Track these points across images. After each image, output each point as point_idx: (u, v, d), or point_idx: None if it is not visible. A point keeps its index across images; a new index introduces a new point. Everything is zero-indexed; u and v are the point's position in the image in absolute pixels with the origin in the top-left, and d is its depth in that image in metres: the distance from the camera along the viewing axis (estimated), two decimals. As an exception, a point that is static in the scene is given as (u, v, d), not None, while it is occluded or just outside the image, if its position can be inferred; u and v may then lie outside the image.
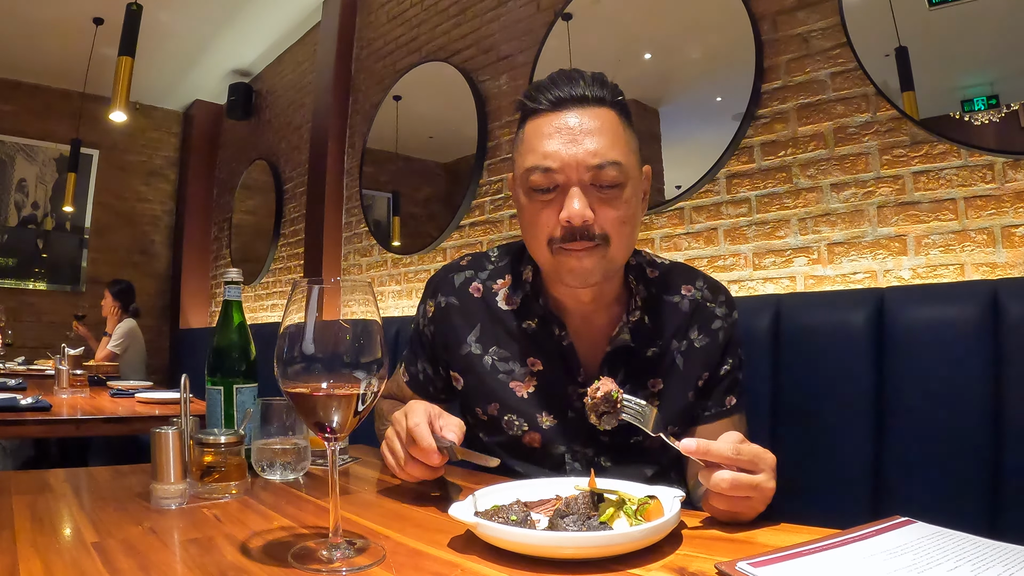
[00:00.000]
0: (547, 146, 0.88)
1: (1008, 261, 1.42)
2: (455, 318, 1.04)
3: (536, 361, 0.99)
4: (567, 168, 0.87)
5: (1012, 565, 0.50)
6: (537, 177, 0.88)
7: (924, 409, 1.09)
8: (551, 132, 0.88)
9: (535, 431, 0.98)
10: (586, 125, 0.88)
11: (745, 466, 0.67)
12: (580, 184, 0.87)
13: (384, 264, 3.38)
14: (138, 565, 0.56)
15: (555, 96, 0.90)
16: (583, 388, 0.96)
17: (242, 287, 1.09)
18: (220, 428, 0.99)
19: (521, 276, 1.02)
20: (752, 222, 1.87)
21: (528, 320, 1.00)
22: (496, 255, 1.08)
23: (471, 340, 1.02)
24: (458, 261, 1.10)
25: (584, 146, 0.86)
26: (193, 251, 5.65)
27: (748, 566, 0.51)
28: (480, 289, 1.04)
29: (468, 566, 0.57)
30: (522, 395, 0.99)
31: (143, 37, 3.49)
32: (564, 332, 0.97)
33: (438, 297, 1.06)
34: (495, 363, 1.01)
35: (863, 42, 1.64)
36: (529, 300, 1.00)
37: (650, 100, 2.14)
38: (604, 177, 0.87)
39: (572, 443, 0.98)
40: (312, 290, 0.58)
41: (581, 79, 0.91)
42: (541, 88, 0.92)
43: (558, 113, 0.89)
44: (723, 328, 1.00)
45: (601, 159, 0.86)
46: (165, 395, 2.43)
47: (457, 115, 2.92)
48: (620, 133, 0.90)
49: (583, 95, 0.89)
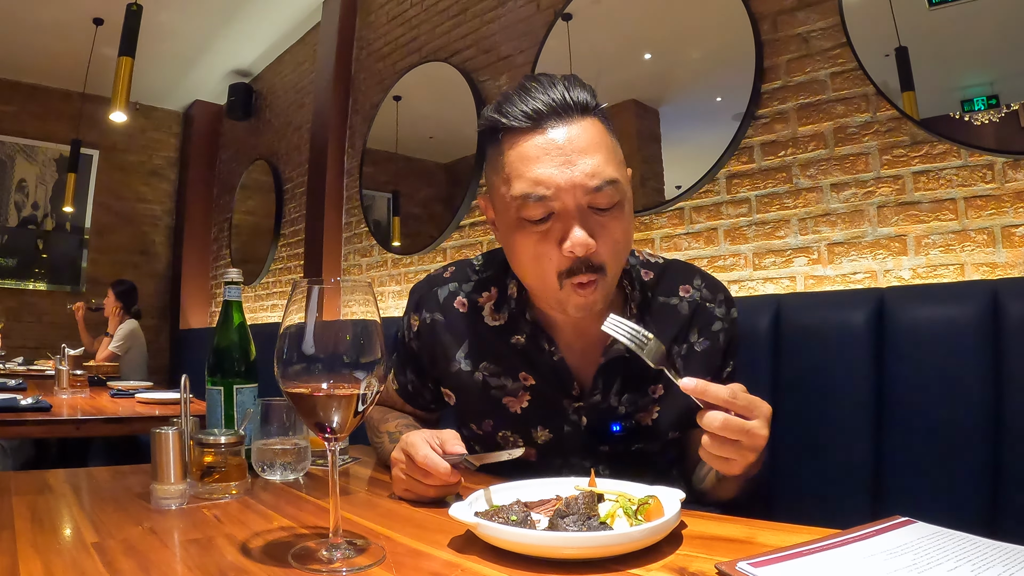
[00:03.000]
0: (538, 171, 0.80)
1: (1008, 261, 1.42)
2: (442, 335, 0.99)
3: (528, 376, 0.95)
4: (563, 194, 0.79)
5: (1012, 565, 0.50)
6: (531, 208, 0.80)
7: (924, 409, 1.09)
8: (538, 154, 0.80)
9: (530, 446, 0.96)
10: (576, 142, 0.80)
11: (740, 411, 0.69)
12: (578, 208, 0.80)
13: (384, 264, 3.38)
14: (138, 565, 0.56)
15: (532, 108, 0.81)
16: (578, 402, 0.94)
17: (242, 287, 1.09)
18: (220, 428, 0.99)
19: (506, 290, 0.97)
20: (752, 222, 1.87)
21: (516, 335, 0.95)
22: (480, 263, 1.03)
23: (460, 357, 0.98)
24: (441, 272, 1.04)
25: (579, 167, 0.79)
26: (193, 251, 5.65)
27: (748, 566, 0.51)
28: (465, 304, 0.99)
29: (468, 566, 0.57)
30: (515, 410, 0.96)
31: (143, 37, 3.49)
32: (554, 347, 0.93)
33: (422, 312, 1.02)
34: (486, 379, 0.97)
35: (863, 42, 1.64)
36: (515, 316, 0.95)
37: (650, 100, 2.14)
38: (602, 199, 0.80)
39: (570, 456, 0.95)
40: (312, 290, 0.58)
41: (556, 84, 0.82)
42: (512, 100, 0.83)
43: (540, 130, 0.81)
44: (723, 329, 0.98)
45: (599, 179, 0.79)
46: (165, 395, 2.43)
47: (457, 115, 2.92)
48: (610, 145, 0.83)
49: (564, 103, 0.81)
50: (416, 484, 0.80)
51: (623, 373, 0.93)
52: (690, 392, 0.69)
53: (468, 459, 0.79)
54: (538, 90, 0.82)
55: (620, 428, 0.94)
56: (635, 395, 0.94)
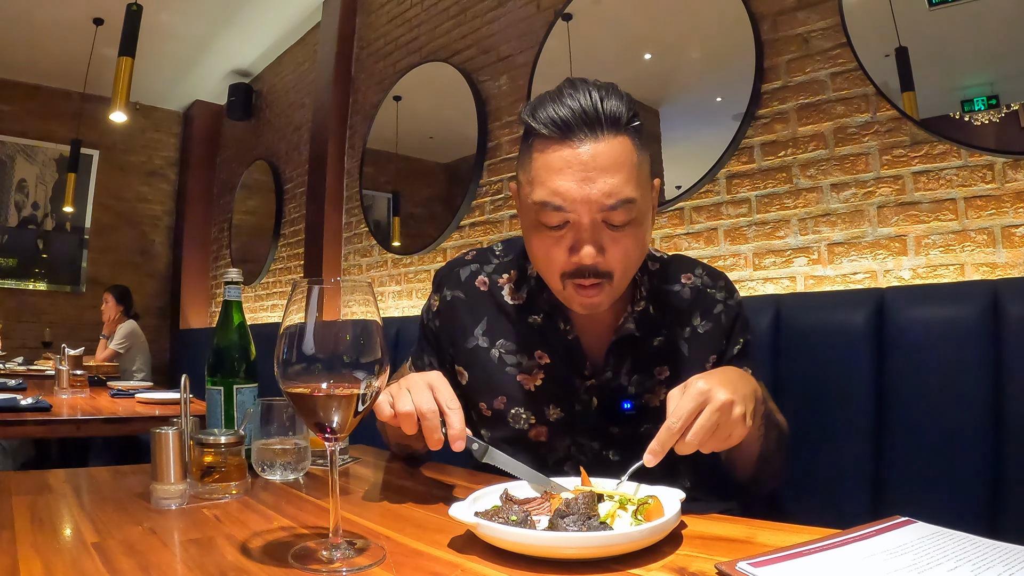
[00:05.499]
0: (558, 183, 0.82)
1: (1008, 261, 1.42)
2: (461, 312, 1.04)
3: (543, 354, 0.99)
4: (579, 207, 0.82)
5: (1012, 565, 0.50)
6: (548, 215, 0.84)
7: (924, 409, 1.09)
8: (561, 166, 0.82)
9: (542, 424, 0.99)
10: (600, 160, 0.81)
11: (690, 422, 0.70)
12: (592, 223, 0.83)
13: (384, 264, 3.38)
14: (138, 565, 0.56)
15: (562, 119, 0.82)
16: (589, 381, 0.98)
17: (242, 287, 1.09)
18: (220, 428, 0.99)
19: (526, 272, 1.02)
20: (752, 222, 1.87)
21: (534, 315, 1.00)
22: (501, 250, 1.08)
23: (478, 333, 1.02)
24: (463, 256, 1.09)
25: (598, 185, 0.81)
26: (193, 251, 5.65)
27: (748, 566, 0.51)
28: (486, 283, 1.04)
29: (468, 566, 0.57)
30: (530, 388, 0.99)
31: (143, 37, 3.49)
32: (570, 326, 0.98)
33: (444, 291, 1.06)
34: (502, 356, 1.01)
35: (863, 42, 1.64)
36: (534, 295, 1.00)
37: (650, 100, 2.14)
38: (616, 217, 0.83)
39: (578, 436, 0.99)
40: (312, 290, 0.58)
41: (591, 93, 0.83)
42: (546, 104, 0.84)
43: (567, 143, 0.82)
44: (724, 312, 1.01)
45: (615, 199, 0.82)
46: (165, 395, 2.43)
47: (457, 115, 2.92)
48: (635, 163, 0.84)
49: (595, 115, 0.82)
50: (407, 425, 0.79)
51: (632, 353, 0.98)
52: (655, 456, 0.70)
53: (487, 448, 0.80)
54: (572, 97, 0.83)
55: (631, 406, 0.98)
56: (643, 376, 0.98)
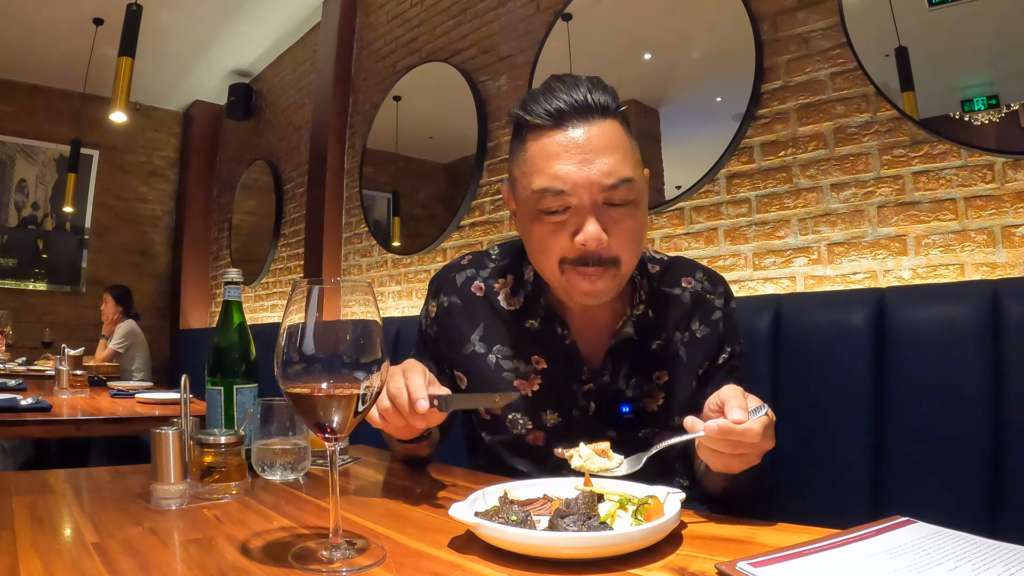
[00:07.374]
0: (557, 167, 0.84)
1: (1008, 261, 1.42)
2: (458, 317, 1.04)
3: (540, 359, 0.99)
4: (580, 190, 0.84)
5: (1012, 565, 0.50)
6: (549, 200, 0.85)
7: (924, 409, 1.09)
8: (558, 151, 0.85)
9: (539, 429, 0.99)
10: (595, 141, 0.84)
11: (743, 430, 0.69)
12: (594, 205, 0.84)
13: (384, 264, 3.38)
14: (138, 565, 0.56)
15: (555, 107, 0.85)
16: (587, 385, 0.97)
17: (242, 287, 1.09)
18: (220, 428, 0.99)
19: (522, 276, 1.02)
20: (752, 222, 1.87)
21: (531, 319, 1.00)
22: (497, 254, 1.08)
23: (475, 339, 1.03)
24: (459, 260, 1.09)
25: (596, 166, 0.83)
26: (193, 251, 5.65)
27: (748, 566, 0.51)
28: (482, 288, 1.04)
29: (468, 566, 0.57)
30: (527, 393, 0.99)
31: (143, 37, 3.49)
32: (566, 331, 0.98)
33: (440, 297, 1.06)
34: (499, 361, 1.01)
35: (863, 42, 1.64)
36: (531, 300, 1.00)
37: (650, 100, 2.14)
38: (617, 196, 0.84)
39: (577, 441, 0.98)
40: (312, 290, 0.58)
41: (580, 85, 0.86)
42: (537, 99, 0.87)
43: (562, 129, 0.85)
44: (721, 319, 1.02)
45: (615, 178, 0.84)
46: (165, 395, 2.43)
47: (457, 115, 2.92)
48: (627, 145, 0.87)
49: (586, 104, 0.85)
50: (389, 415, 0.80)
51: (631, 357, 0.98)
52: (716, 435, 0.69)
53: (448, 397, 0.78)
54: (562, 90, 0.86)
55: (629, 409, 0.98)
56: (641, 380, 0.98)
